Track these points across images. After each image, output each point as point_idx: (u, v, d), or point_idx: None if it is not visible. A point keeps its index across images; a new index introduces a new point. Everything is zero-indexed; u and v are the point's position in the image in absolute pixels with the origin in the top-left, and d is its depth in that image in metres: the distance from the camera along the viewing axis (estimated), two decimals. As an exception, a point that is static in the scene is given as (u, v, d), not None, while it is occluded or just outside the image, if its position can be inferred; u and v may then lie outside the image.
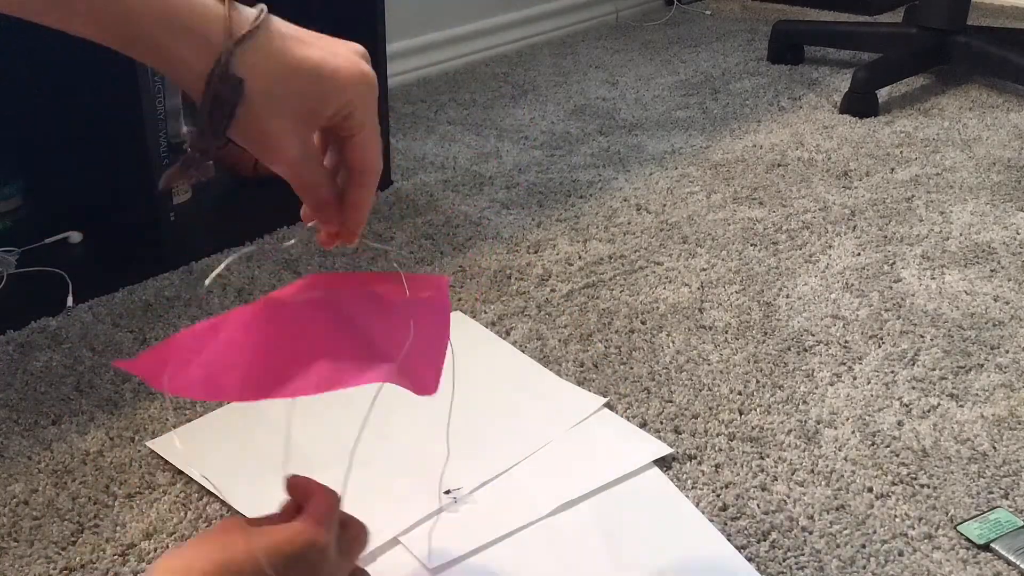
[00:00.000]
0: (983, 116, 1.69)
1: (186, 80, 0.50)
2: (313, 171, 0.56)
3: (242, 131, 0.52)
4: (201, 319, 1.05)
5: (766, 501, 0.80)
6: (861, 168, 1.48)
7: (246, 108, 0.51)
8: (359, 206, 0.57)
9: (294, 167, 0.55)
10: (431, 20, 1.95)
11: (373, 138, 0.55)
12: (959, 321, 1.07)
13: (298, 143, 0.53)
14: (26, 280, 1.11)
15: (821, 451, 0.86)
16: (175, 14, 0.49)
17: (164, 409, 0.90)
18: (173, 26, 0.49)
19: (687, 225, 1.29)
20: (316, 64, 0.52)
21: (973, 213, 1.33)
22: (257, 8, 0.52)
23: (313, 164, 0.56)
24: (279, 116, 0.52)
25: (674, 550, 0.75)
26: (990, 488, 0.82)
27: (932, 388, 0.95)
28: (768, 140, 1.59)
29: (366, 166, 0.56)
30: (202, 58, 0.49)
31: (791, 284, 1.14)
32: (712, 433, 0.88)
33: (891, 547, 0.75)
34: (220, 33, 0.49)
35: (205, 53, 0.49)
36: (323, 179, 0.56)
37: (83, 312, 1.06)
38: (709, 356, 1.00)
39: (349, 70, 0.53)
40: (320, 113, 0.53)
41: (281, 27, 0.52)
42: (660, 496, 0.81)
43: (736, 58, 2.05)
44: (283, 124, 0.52)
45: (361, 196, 0.57)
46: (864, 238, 1.26)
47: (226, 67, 0.49)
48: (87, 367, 0.96)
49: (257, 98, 0.51)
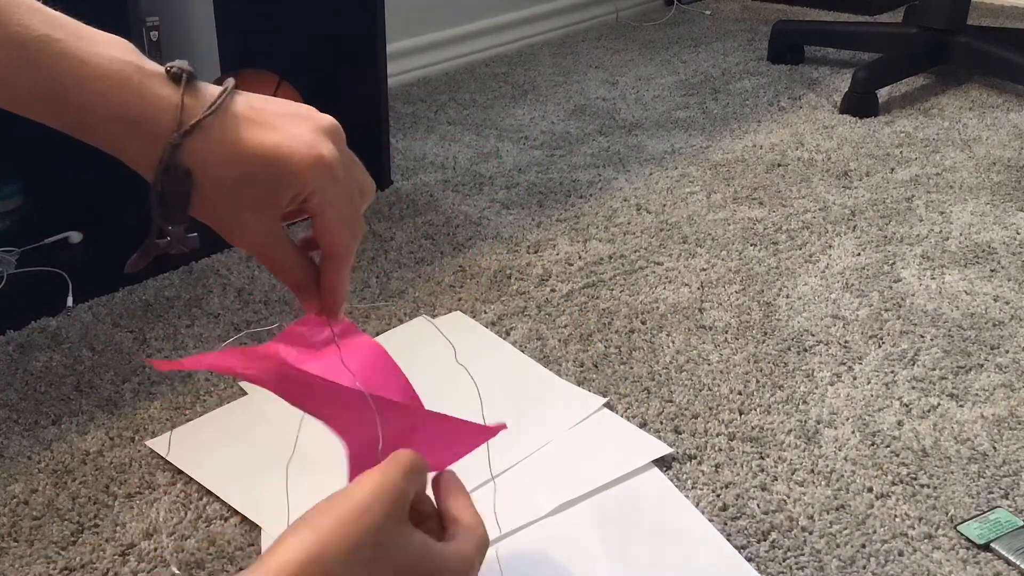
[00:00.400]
0: (983, 116, 1.69)
1: (140, 169, 0.51)
2: (279, 254, 0.55)
3: (201, 216, 0.52)
4: (201, 320, 1.05)
5: (766, 501, 0.80)
6: (861, 168, 1.48)
7: (199, 196, 0.51)
8: (333, 288, 0.56)
9: (259, 250, 0.54)
10: (431, 20, 1.95)
11: (338, 219, 0.54)
12: (959, 321, 1.07)
13: (260, 227, 0.53)
14: (26, 280, 1.11)
15: (821, 451, 0.86)
16: (127, 107, 0.48)
17: (164, 409, 0.90)
18: (124, 119, 0.49)
19: (687, 225, 1.29)
20: (269, 151, 0.51)
21: (973, 213, 1.32)
22: (223, 86, 0.51)
23: (278, 247, 0.54)
24: (234, 205, 0.51)
25: (674, 550, 0.75)
26: (990, 488, 0.82)
27: (932, 388, 0.95)
28: (768, 140, 1.59)
29: (335, 248, 0.55)
30: (151, 150, 0.49)
31: (791, 284, 1.14)
32: (712, 433, 0.88)
33: (891, 547, 0.75)
34: (170, 123, 0.49)
35: (154, 145, 0.49)
36: (292, 260, 0.55)
37: (83, 312, 1.06)
38: (709, 356, 1.00)
39: (304, 156, 0.51)
40: (277, 199, 0.52)
41: (240, 108, 0.51)
42: (660, 496, 0.80)
43: (736, 58, 2.05)
44: (240, 211, 0.52)
45: (333, 279, 0.56)
46: (864, 238, 1.26)
47: (173, 159, 0.49)
48: (87, 367, 0.96)
49: (208, 188, 0.50)
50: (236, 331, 1.03)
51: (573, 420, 0.89)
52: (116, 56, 0.49)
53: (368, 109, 1.37)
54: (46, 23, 0.48)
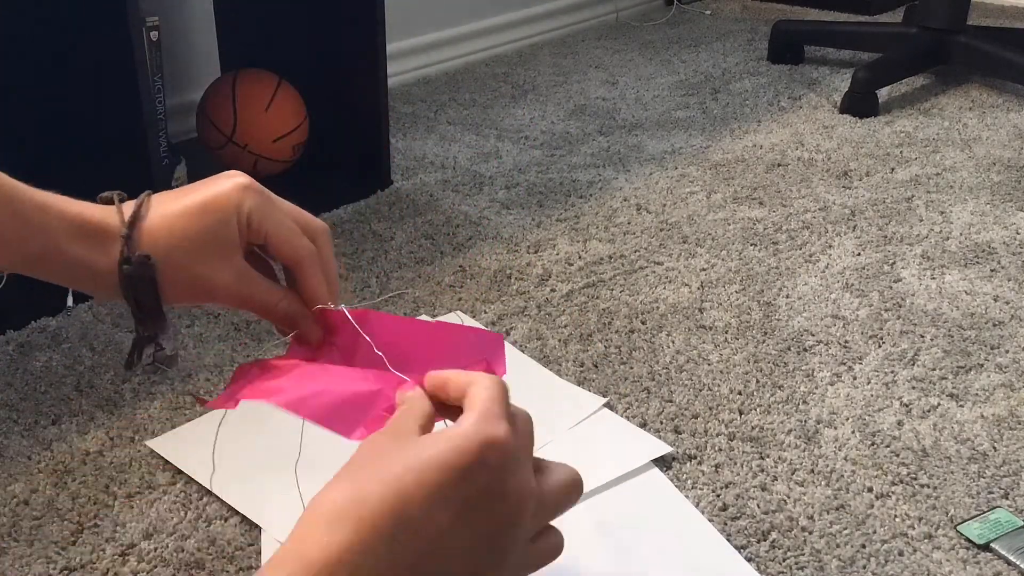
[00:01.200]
0: (983, 116, 1.69)
1: (98, 281, 0.56)
2: (260, 290, 0.58)
3: (174, 293, 0.57)
4: (201, 320, 1.05)
5: (766, 501, 0.80)
6: (861, 168, 1.48)
7: (164, 276, 0.56)
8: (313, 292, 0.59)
9: (237, 293, 0.58)
10: (431, 20, 1.95)
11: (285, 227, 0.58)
12: (959, 321, 1.06)
13: (230, 273, 0.57)
14: (26, 281, 1.10)
15: (821, 451, 0.86)
16: (81, 223, 0.55)
17: (164, 409, 0.90)
18: (81, 233, 0.55)
19: (687, 225, 1.29)
20: (201, 199, 0.57)
21: (973, 213, 1.32)
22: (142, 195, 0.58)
23: (256, 284, 0.58)
24: (197, 264, 0.56)
25: (673, 551, 0.75)
26: (990, 488, 0.81)
27: (932, 388, 0.95)
28: (768, 140, 1.59)
29: (296, 257, 0.59)
30: (109, 252, 0.55)
31: (791, 284, 1.14)
32: (712, 433, 0.88)
33: (891, 547, 0.75)
34: (117, 225, 0.56)
35: (110, 246, 0.55)
36: (270, 291, 0.59)
37: (83, 312, 1.06)
38: (709, 356, 1.00)
39: (229, 187, 0.57)
40: (229, 237, 0.56)
41: (162, 195, 0.58)
42: (659, 496, 0.80)
43: (736, 58, 2.05)
44: (205, 267, 0.56)
45: (311, 284, 0.59)
46: (864, 238, 1.26)
47: (131, 247, 0.55)
48: (87, 367, 0.96)
49: (168, 263, 0.55)
50: (236, 331, 1.03)
51: (573, 420, 0.89)
52: (59, 200, 0.56)
53: (368, 109, 1.37)
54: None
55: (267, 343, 1.01)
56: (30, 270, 0.56)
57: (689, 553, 0.75)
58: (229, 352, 0.99)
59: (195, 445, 0.85)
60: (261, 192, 0.58)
